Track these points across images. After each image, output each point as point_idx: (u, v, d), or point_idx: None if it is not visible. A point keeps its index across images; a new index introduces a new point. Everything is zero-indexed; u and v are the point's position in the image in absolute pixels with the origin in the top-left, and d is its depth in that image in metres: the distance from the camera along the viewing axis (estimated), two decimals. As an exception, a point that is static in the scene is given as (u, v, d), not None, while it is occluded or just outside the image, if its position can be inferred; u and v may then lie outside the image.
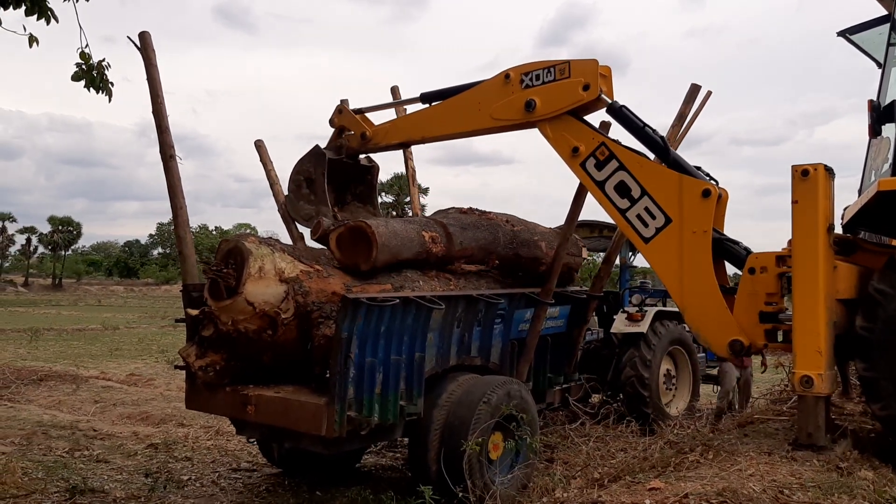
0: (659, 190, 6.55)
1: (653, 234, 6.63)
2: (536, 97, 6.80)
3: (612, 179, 6.71)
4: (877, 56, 7.10)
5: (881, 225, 6.76)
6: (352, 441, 5.62)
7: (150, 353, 18.89)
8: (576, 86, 6.68)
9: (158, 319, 32.86)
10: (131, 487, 6.82)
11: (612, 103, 6.70)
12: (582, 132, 6.79)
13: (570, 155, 6.84)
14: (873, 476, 5.23)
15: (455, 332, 6.40)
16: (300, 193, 7.87)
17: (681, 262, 6.51)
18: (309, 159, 7.87)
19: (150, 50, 6.27)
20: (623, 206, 6.70)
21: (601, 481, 5.64)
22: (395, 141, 7.93)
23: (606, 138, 6.73)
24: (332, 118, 8.14)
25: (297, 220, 7.92)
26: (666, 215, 6.54)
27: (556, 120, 6.83)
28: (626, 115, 6.72)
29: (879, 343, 5.77)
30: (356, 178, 8.33)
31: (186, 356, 5.77)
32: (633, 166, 6.62)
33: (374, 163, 8.43)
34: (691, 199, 6.43)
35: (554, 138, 6.90)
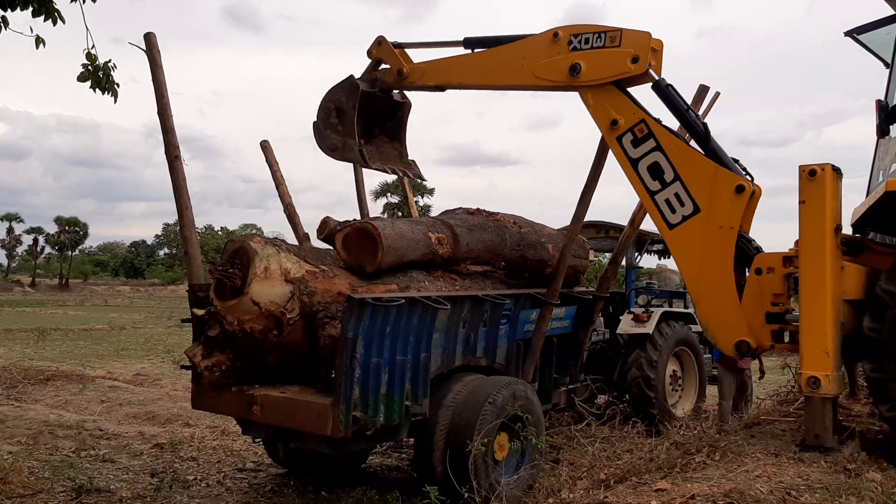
0: (693, 178, 6.45)
1: (679, 222, 6.55)
2: (582, 61, 6.63)
3: (647, 159, 6.59)
4: (884, 56, 7.08)
5: (889, 225, 6.72)
6: (357, 441, 5.62)
7: (157, 353, 18.93)
8: (624, 57, 6.51)
9: (164, 319, 32.95)
10: (137, 487, 6.83)
11: (658, 80, 6.55)
12: (623, 105, 6.64)
13: (608, 127, 6.71)
14: (881, 478, 5.21)
15: (461, 332, 6.39)
16: (328, 122, 7.68)
17: (702, 253, 6.45)
18: (341, 89, 7.68)
19: (155, 51, 6.29)
20: (654, 188, 6.60)
21: (607, 482, 5.63)
22: (431, 82, 7.67)
23: (648, 115, 6.58)
24: (370, 49, 7.88)
25: (322, 148, 7.76)
26: (695, 204, 6.45)
27: (598, 88, 6.68)
28: (671, 95, 6.57)
29: (887, 344, 5.75)
30: (387, 112, 8.12)
31: (192, 356, 5.77)
32: (670, 149, 6.50)
33: (406, 99, 8.21)
34: (724, 193, 6.34)
35: (594, 107, 6.77)
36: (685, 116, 6.59)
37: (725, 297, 6.39)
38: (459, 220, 6.97)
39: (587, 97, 6.77)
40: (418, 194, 55.83)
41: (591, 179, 7.11)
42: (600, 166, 7.09)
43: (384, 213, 52.63)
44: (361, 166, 8.01)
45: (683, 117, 6.60)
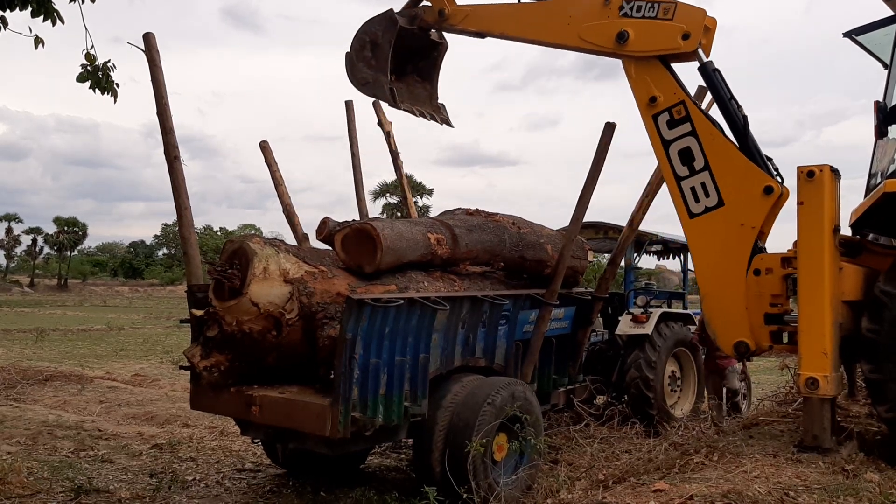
0: (723, 170, 6.34)
1: (700, 212, 6.47)
2: (631, 30, 6.46)
3: (680, 143, 6.48)
4: (883, 57, 7.08)
5: (888, 226, 6.73)
6: (356, 442, 5.62)
7: (155, 353, 18.92)
8: (676, 32, 6.35)
9: (163, 320, 32.92)
10: (136, 487, 6.82)
11: (706, 62, 6.38)
12: (665, 82, 6.51)
13: (646, 103, 6.59)
14: (879, 478, 5.22)
15: (460, 333, 6.39)
16: (362, 55, 7.57)
17: (719, 248, 6.38)
18: (379, 22, 7.54)
19: (154, 51, 6.29)
20: (682, 173, 6.50)
21: (606, 483, 5.64)
22: (471, 28, 7.46)
23: (688, 98, 6.47)
24: None
25: (353, 82, 7.67)
26: (720, 197, 6.36)
27: (643, 60, 6.53)
28: (717, 80, 6.42)
29: (885, 345, 5.76)
30: (422, 51, 8.00)
31: (191, 357, 5.77)
32: (705, 136, 6.39)
33: (444, 40, 8.05)
34: (752, 191, 6.25)
35: (635, 79, 6.62)
36: (726, 105, 6.43)
37: (734, 295, 6.36)
38: (458, 221, 6.97)
39: (630, 67, 6.62)
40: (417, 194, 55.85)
41: (590, 180, 7.10)
42: (599, 167, 7.09)
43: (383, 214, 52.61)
44: (389, 105, 7.84)
45: (725, 106, 6.44)
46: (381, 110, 9.14)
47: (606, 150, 7.01)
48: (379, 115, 9.13)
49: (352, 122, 8.78)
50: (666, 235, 10.89)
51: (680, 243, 11.25)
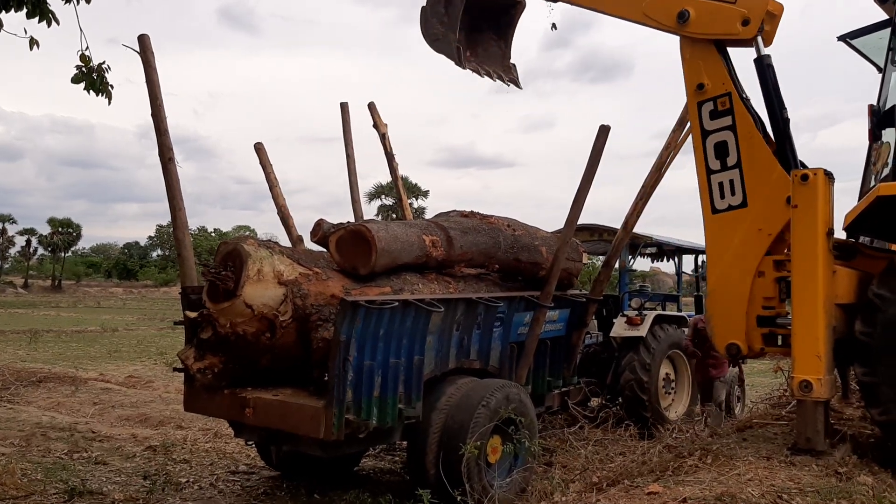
0: (754, 171, 6.31)
1: (724, 209, 6.46)
2: (693, 9, 6.42)
3: (718, 135, 6.44)
4: (877, 61, 7.09)
5: (881, 230, 6.75)
6: (350, 444, 5.62)
7: (149, 355, 18.87)
8: (736, 16, 6.28)
9: (157, 321, 32.85)
10: (130, 489, 6.80)
11: (763, 55, 6.29)
12: (716, 69, 6.45)
13: (694, 88, 6.55)
14: (872, 481, 5.22)
15: (454, 335, 6.39)
16: (436, 10, 7.58)
17: (733, 248, 6.38)
18: None
19: (149, 52, 6.28)
20: (714, 166, 6.48)
21: (600, 485, 5.63)
22: None
23: (736, 90, 6.40)
24: None
25: (425, 37, 7.66)
26: (745, 198, 6.34)
27: (699, 43, 6.49)
28: (769, 76, 6.33)
29: (879, 348, 5.77)
30: (499, 9, 8.02)
31: (185, 358, 5.76)
32: (743, 134, 6.35)
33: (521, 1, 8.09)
34: (776, 198, 6.21)
35: (688, 62, 6.58)
36: (772, 102, 6.36)
37: (738, 297, 6.38)
38: (453, 223, 6.97)
39: (685, 48, 6.59)
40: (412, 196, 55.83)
41: (585, 182, 7.11)
42: (594, 169, 7.10)
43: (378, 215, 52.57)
44: (455, 63, 7.78)
45: (770, 102, 6.37)
46: (376, 112, 9.15)
47: (601, 153, 7.03)
48: (374, 117, 9.14)
49: (347, 123, 8.79)
50: (660, 238, 10.91)
51: (674, 246, 11.28)
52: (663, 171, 8.02)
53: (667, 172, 8.08)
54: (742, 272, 6.40)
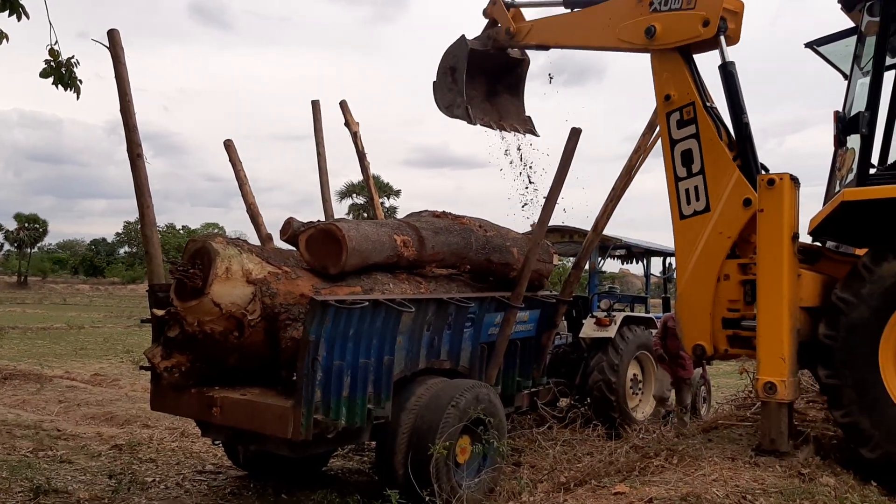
0: (714, 177, 6.53)
1: (690, 214, 6.67)
2: (658, 24, 6.68)
3: (684, 144, 6.67)
4: (843, 68, 7.19)
5: (845, 234, 6.85)
6: (318, 444, 5.59)
7: (116, 353, 18.66)
8: (696, 20, 6.50)
9: (124, 319, 32.45)
10: (95, 488, 6.72)
11: (727, 62, 6.47)
12: (682, 80, 6.69)
13: (662, 100, 6.79)
14: (835, 482, 5.30)
15: (425, 335, 6.39)
16: (444, 81, 8.16)
17: (698, 252, 6.55)
18: (454, 48, 8.12)
19: (118, 47, 6.20)
20: (681, 174, 6.70)
21: (567, 485, 5.66)
22: (533, 42, 7.97)
23: (700, 100, 6.61)
24: (485, 9, 8.28)
25: (440, 107, 8.22)
26: (708, 203, 6.55)
27: (665, 55, 6.74)
28: (733, 83, 6.54)
29: (842, 351, 5.85)
30: (508, 69, 8.58)
31: (152, 357, 5.70)
32: (705, 141, 6.56)
33: (525, 56, 8.62)
34: (733, 202, 6.43)
35: (657, 74, 6.85)
36: (734, 107, 6.57)
37: (702, 299, 6.52)
38: (425, 223, 6.97)
39: (654, 62, 6.86)
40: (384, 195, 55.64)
41: (556, 184, 7.15)
42: (565, 171, 7.14)
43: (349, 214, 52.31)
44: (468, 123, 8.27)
45: (733, 107, 6.58)
46: (348, 110, 9.11)
47: (572, 155, 7.07)
48: (346, 115, 9.10)
49: (318, 121, 8.74)
50: (629, 240, 11.00)
51: (643, 248, 11.39)
52: (633, 175, 8.09)
53: (636, 176, 8.16)
54: (706, 275, 6.54)
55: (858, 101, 6.33)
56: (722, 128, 6.65)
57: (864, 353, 5.77)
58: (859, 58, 6.49)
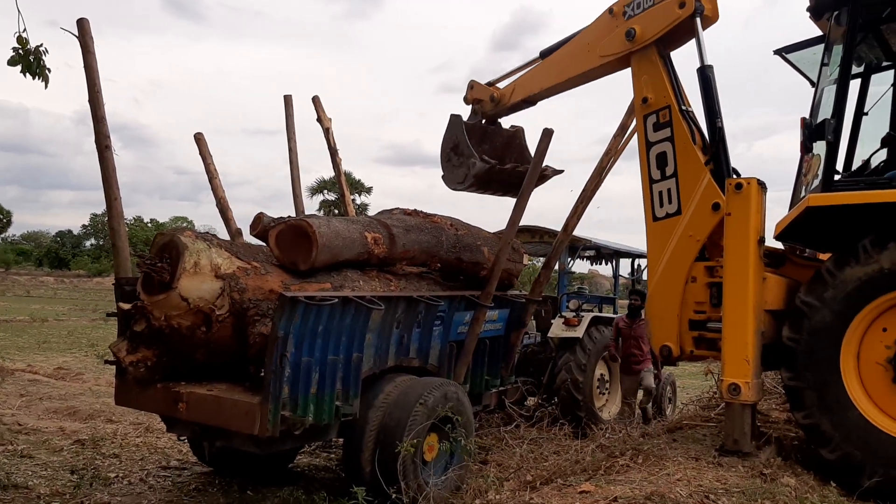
0: (686, 180, 6.67)
1: (662, 216, 6.82)
2: (637, 25, 6.89)
3: (659, 147, 6.81)
4: (811, 75, 7.30)
5: (810, 239, 6.97)
6: (285, 441, 5.56)
7: (80, 346, 18.40)
8: (672, 5, 6.68)
9: (89, 312, 32.00)
10: (56, 484, 6.63)
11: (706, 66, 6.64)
12: (658, 83, 6.84)
13: (640, 102, 6.95)
14: (795, 483, 5.40)
15: (394, 333, 6.38)
16: (450, 164, 8.35)
17: (668, 254, 6.68)
18: (449, 129, 8.40)
19: (87, 37, 6.11)
20: (655, 176, 6.84)
21: (533, 484, 5.70)
22: (519, 98, 8.21)
23: (675, 103, 6.75)
24: (465, 96, 8.67)
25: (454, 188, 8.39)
26: (679, 206, 6.69)
27: (644, 57, 6.90)
28: (710, 86, 6.67)
29: (804, 353, 5.96)
30: (508, 144, 8.86)
31: (117, 351, 5.63)
32: (679, 144, 6.70)
33: (518, 127, 8.92)
34: (702, 205, 6.57)
35: (636, 76, 6.99)
36: (709, 111, 6.70)
37: (671, 300, 6.63)
38: (396, 221, 6.96)
39: (634, 65, 7.01)
40: (355, 192, 55.40)
41: (527, 185, 7.18)
42: (536, 172, 7.17)
43: (320, 210, 52.00)
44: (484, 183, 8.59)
45: (708, 111, 6.71)
46: (320, 106, 9.08)
47: (543, 156, 7.11)
48: (318, 111, 9.06)
49: (290, 116, 8.69)
50: (599, 241, 11.08)
51: (612, 249, 11.48)
52: (603, 176, 8.15)
53: (607, 178, 8.23)
54: (675, 277, 6.64)
55: (825, 108, 6.44)
56: (697, 132, 6.77)
57: (826, 356, 5.88)
58: (826, 66, 6.60)
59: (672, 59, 7.05)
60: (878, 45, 7.06)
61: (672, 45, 7.01)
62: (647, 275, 7.08)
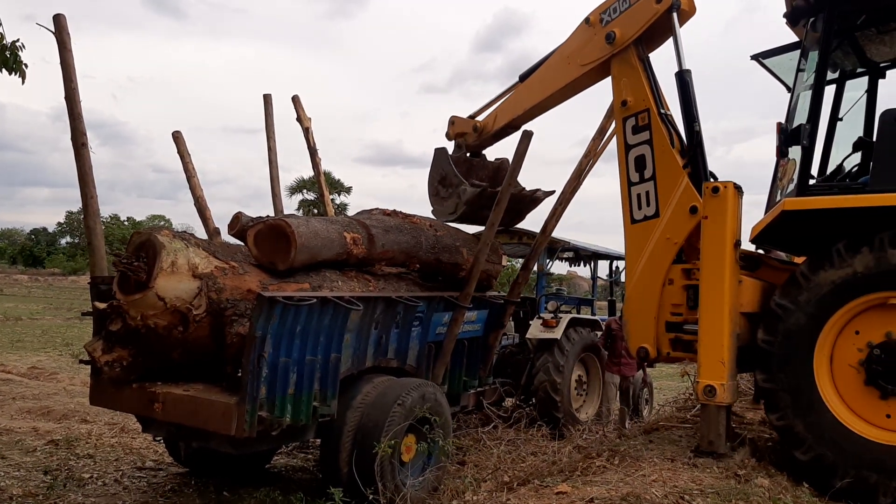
0: (665, 183, 6.70)
1: (640, 219, 6.84)
2: (616, 28, 6.94)
3: (638, 150, 6.84)
4: (787, 80, 7.37)
5: (785, 242, 7.04)
6: (262, 442, 5.54)
7: (54, 345, 18.19)
8: (649, 2, 6.73)
9: (64, 311, 31.63)
10: (29, 485, 6.55)
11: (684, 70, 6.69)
12: (637, 86, 6.88)
13: (619, 105, 6.98)
14: (769, 483, 5.45)
15: (372, 333, 6.38)
16: (439, 197, 8.25)
17: (646, 257, 6.73)
18: (435, 163, 8.36)
19: (64, 33, 6.06)
20: (634, 179, 6.87)
21: (510, 484, 5.72)
22: (501, 124, 8.18)
23: (655, 107, 6.80)
24: (447, 132, 8.69)
25: (446, 220, 8.19)
26: (658, 209, 6.73)
27: (624, 61, 6.93)
28: (689, 90, 6.72)
29: (779, 356, 6.01)
30: (494, 177, 8.78)
31: (92, 350, 5.58)
32: (658, 147, 6.74)
33: (503, 159, 8.90)
34: (680, 209, 6.61)
35: (616, 79, 7.02)
36: (687, 115, 6.75)
37: (648, 303, 6.68)
38: (376, 221, 6.96)
39: (614, 68, 7.04)
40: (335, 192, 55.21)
41: (507, 186, 7.19)
42: (515, 173, 7.19)
43: (299, 210, 51.78)
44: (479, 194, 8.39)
45: (686, 115, 6.76)
46: (300, 105, 9.05)
47: (523, 158, 7.12)
48: (298, 110, 9.03)
49: (269, 115, 8.66)
50: (577, 243, 11.13)
51: (590, 251, 11.54)
52: (582, 179, 8.19)
53: (586, 180, 8.27)
54: (653, 279, 6.68)
55: (800, 113, 6.51)
56: (675, 135, 6.83)
57: (800, 359, 5.93)
58: (802, 71, 6.67)
59: (651, 64, 7.10)
60: (852, 52, 7.15)
61: (651, 45, 7.07)
62: (625, 277, 7.12)
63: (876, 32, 6.85)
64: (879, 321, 5.80)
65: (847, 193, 6.05)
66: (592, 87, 7.68)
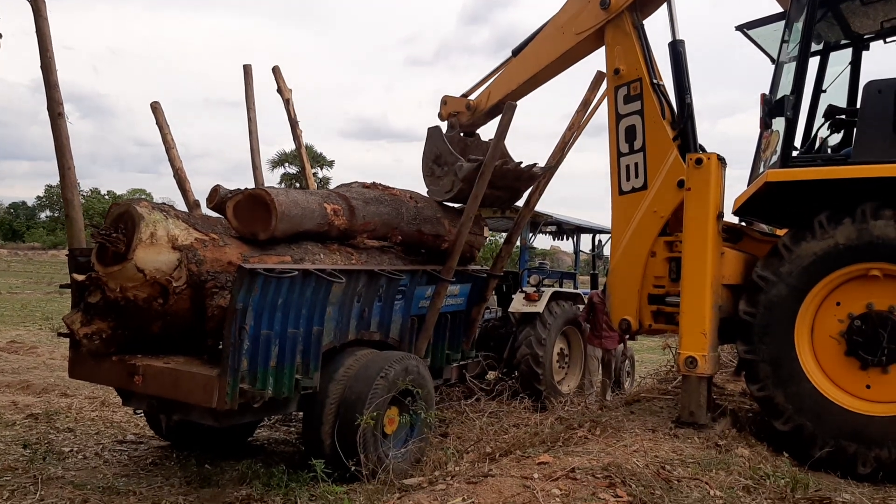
0: (654, 155, 6.68)
1: (628, 190, 6.84)
2: None
3: (628, 120, 6.83)
4: (772, 52, 7.35)
5: (768, 214, 7.06)
6: (244, 414, 5.52)
7: (34, 319, 18.05)
8: None
9: (44, 285, 31.35)
10: (8, 458, 6.49)
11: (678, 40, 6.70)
12: (631, 55, 6.83)
13: (612, 73, 6.94)
14: (749, 453, 5.51)
15: (355, 306, 6.35)
16: (434, 177, 7.98)
17: (632, 229, 6.74)
18: (429, 142, 8.06)
19: (40, 1, 5.94)
20: (623, 149, 6.85)
21: (493, 455, 5.73)
22: (496, 99, 8.04)
23: (647, 76, 6.75)
24: (440, 112, 8.57)
25: (443, 199, 7.90)
26: (646, 181, 6.71)
27: (619, 28, 6.87)
28: (682, 61, 6.72)
29: (760, 327, 6.06)
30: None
31: (71, 323, 5.52)
32: (649, 118, 6.71)
33: None
34: (668, 182, 6.60)
35: (609, 47, 6.96)
36: (679, 86, 6.73)
37: (633, 276, 6.70)
38: (356, 193, 6.90)
39: (607, 35, 6.98)
40: (318, 166, 54.95)
41: (490, 158, 7.14)
42: (499, 146, 7.14)
43: (281, 184, 51.49)
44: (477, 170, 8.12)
45: (678, 86, 6.75)
46: (280, 76, 8.93)
47: (507, 130, 7.07)
48: (279, 81, 8.91)
49: (249, 86, 8.53)
50: (561, 217, 11.12)
51: (573, 225, 11.53)
52: (566, 152, 8.14)
53: (569, 154, 8.22)
54: (637, 252, 6.68)
55: (784, 85, 6.51)
56: (667, 106, 6.78)
57: (781, 330, 5.98)
58: (787, 43, 6.66)
59: (646, 32, 7.04)
60: (837, 24, 7.14)
61: (646, 11, 7.01)
62: (611, 248, 7.09)
63: (860, 4, 6.83)
64: (860, 292, 5.85)
65: (830, 165, 6.07)
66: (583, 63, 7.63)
